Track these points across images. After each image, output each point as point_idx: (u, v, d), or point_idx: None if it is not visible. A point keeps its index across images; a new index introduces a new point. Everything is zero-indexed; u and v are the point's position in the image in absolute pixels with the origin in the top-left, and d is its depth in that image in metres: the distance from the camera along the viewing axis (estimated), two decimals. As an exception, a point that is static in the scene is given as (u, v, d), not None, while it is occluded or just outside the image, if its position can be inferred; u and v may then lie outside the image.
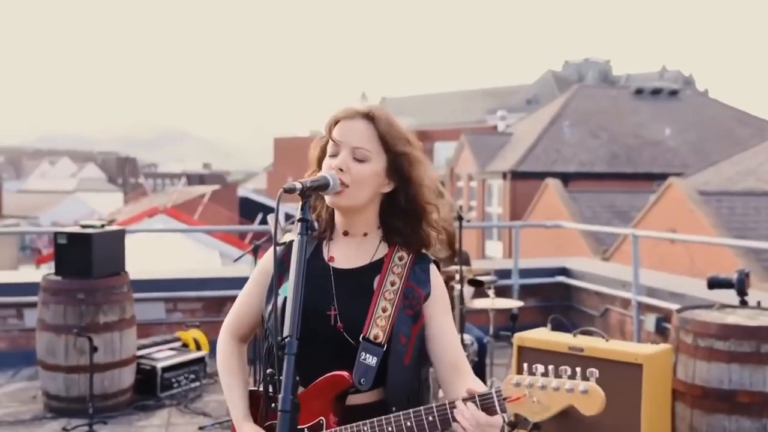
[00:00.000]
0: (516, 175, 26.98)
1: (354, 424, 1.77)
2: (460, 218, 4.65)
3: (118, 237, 6.03)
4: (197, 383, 6.28)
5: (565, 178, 25.74)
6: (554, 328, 4.10)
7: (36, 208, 51.41)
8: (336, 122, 1.96)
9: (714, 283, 4.53)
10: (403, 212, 1.95)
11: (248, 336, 2.11)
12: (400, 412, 1.72)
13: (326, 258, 1.97)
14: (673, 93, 33.76)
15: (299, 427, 1.80)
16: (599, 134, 29.19)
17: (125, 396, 5.75)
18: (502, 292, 7.88)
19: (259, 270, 2.03)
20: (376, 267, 1.94)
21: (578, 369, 1.50)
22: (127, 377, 5.80)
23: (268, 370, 1.64)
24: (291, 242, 1.96)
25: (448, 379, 1.91)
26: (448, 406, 1.69)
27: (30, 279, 6.86)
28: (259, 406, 1.94)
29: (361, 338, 1.84)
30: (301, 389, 1.86)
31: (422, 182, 1.94)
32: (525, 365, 1.55)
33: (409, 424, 1.71)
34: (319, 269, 1.95)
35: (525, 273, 8.44)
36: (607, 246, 20.28)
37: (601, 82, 57.15)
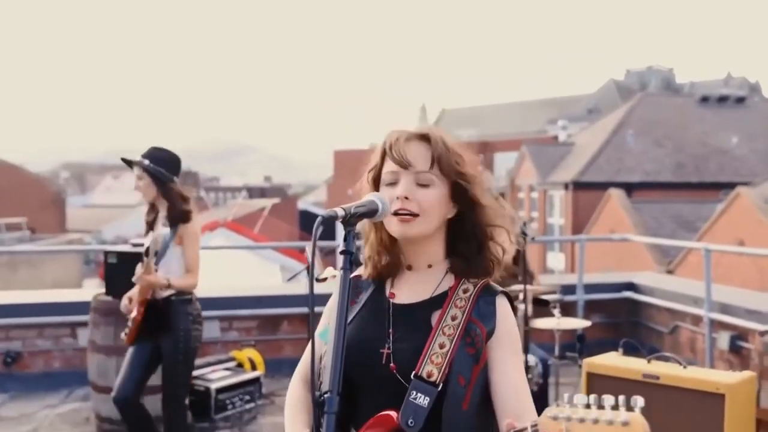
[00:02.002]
0: (578, 186, 26.43)
1: None
2: (524, 234, 4.40)
3: (169, 255, 5.91)
4: (252, 404, 6.13)
5: (629, 188, 25.12)
6: (626, 353, 3.79)
7: (100, 222, 52.58)
8: (390, 147, 1.78)
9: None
10: (469, 237, 1.78)
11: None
12: None
13: (387, 294, 1.80)
14: (740, 100, 32.75)
15: None
16: (664, 143, 28.42)
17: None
18: (566, 308, 7.59)
19: (328, 307, 1.86)
20: (438, 301, 1.75)
21: (622, 397, 1.26)
22: (152, 403, 5.65)
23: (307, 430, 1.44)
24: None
25: None
26: None
27: (83, 298, 6.81)
28: None
29: (412, 376, 1.64)
30: None
31: (485, 202, 1.78)
32: (565, 395, 1.31)
33: None
34: (378, 306, 1.80)
35: (590, 288, 8.11)
36: (672, 257, 19.64)
37: (665, 90, 55.81)
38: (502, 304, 1.76)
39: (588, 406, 1.30)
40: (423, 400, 1.60)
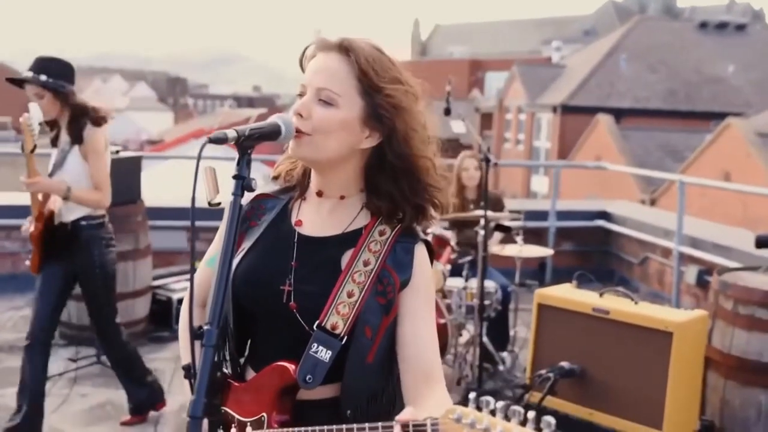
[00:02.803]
0: (566, 109, 26.19)
1: (282, 430, 1.47)
2: (487, 160, 4.31)
3: (134, 164, 5.80)
4: (215, 316, 6.13)
5: (618, 114, 24.92)
6: (580, 285, 3.75)
7: (87, 126, 51.94)
8: (302, 57, 1.59)
9: (763, 242, 4.09)
10: (389, 171, 1.55)
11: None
12: (334, 426, 1.40)
13: (293, 221, 1.62)
14: (740, 27, 32.23)
15: (243, 419, 1.53)
16: (658, 69, 28.05)
17: (138, 327, 5.62)
18: (538, 234, 7.58)
19: (219, 232, 1.66)
20: (350, 239, 1.57)
21: (531, 414, 1.12)
22: (141, 308, 5.67)
23: (183, 364, 1.34)
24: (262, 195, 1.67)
25: (413, 389, 1.53)
26: (380, 429, 1.34)
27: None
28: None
29: (315, 326, 1.50)
30: (252, 374, 1.60)
31: (410, 131, 1.53)
32: (472, 395, 1.18)
33: None
34: (282, 233, 1.61)
35: (563, 216, 8.07)
36: (657, 186, 19.62)
37: (664, 14, 54.81)
38: (420, 253, 1.58)
39: (494, 412, 1.17)
40: (324, 354, 1.47)
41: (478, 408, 1.17)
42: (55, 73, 3.82)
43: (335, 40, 1.54)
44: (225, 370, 1.62)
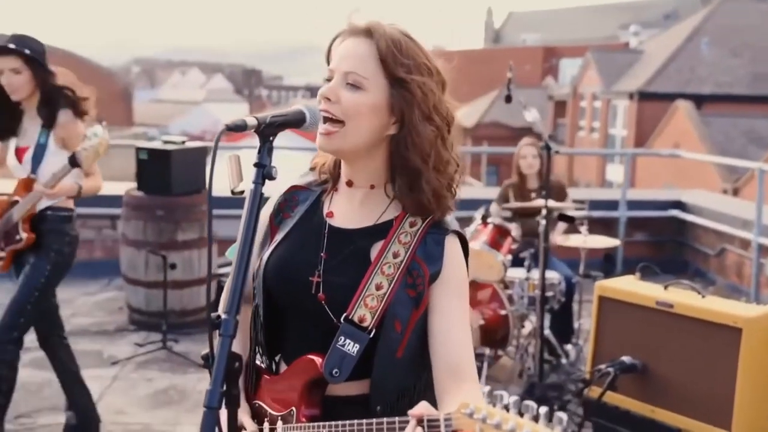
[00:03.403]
0: (644, 96, 25.42)
1: (310, 424, 1.45)
2: (548, 147, 4.20)
3: (199, 155, 5.89)
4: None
5: (699, 100, 24.05)
6: (644, 277, 3.62)
7: (166, 118, 53.27)
8: (331, 43, 1.56)
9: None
10: (404, 162, 1.50)
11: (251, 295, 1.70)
12: (355, 422, 1.37)
13: (325, 213, 1.60)
14: (830, 8, 30.69)
15: (274, 413, 1.52)
16: (741, 53, 26.94)
17: (203, 314, 5.71)
18: (608, 225, 7.39)
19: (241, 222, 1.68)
20: (380, 231, 1.53)
21: (544, 409, 1.08)
22: (204, 295, 5.76)
23: (203, 353, 1.32)
24: (295, 188, 1.66)
25: (441, 385, 1.47)
26: (397, 423, 1.31)
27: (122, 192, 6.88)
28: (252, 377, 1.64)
29: (342, 319, 1.47)
30: (283, 367, 1.58)
31: (426, 123, 1.48)
32: (486, 388, 1.13)
33: None
34: (314, 225, 1.59)
35: (635, 205, 7.85)
36: (740, 175, 18.88)
37: (750, -4, 52.75)
38: (451, 245, 1.53)
39: (507, 407, 1.12)
40: (352, 348, 1.44)
41: (492, 403, 1.13)
42: (37, 52, 3.41)
43: (362, 24, 1.51)
44: (259, 363, 1.61)
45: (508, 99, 4.22)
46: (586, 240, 4.89)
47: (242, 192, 1.35)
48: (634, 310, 3.41)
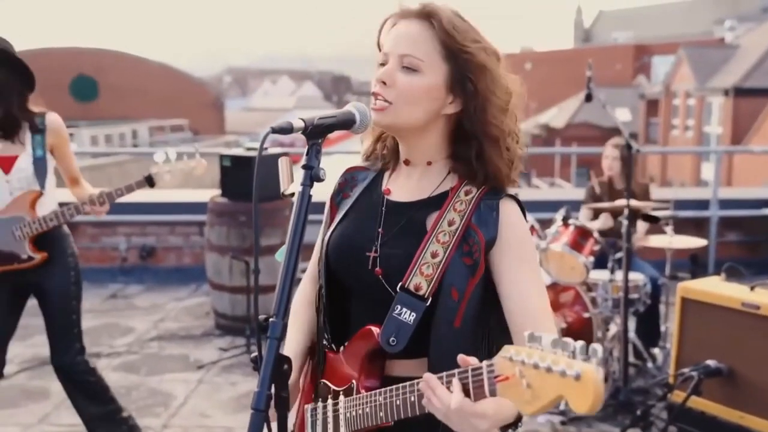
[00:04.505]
0: (740, 92, 24.49)
1: (369, 393, 1.45)
2: (629, 147, 4.09)
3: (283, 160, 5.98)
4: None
5: (800, 95, 23.00)
6: (729, 278, 3.48)
7: (257, 125, 54.44)
8: (382, 26, 1.57)
9: None
10: (467, 136, 1.52)
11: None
12: (407, 384, 1.35)
13: (383, 189, 1.62)
14: None
15: (337, 388, 1.54)
16: None
17: (287, 318, 5.78)
18: (699, 224, 7.13)
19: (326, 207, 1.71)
20: (436, 202, 1.54)
21: (579, 344, 1.05)
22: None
23: (252, 355, 1.34)
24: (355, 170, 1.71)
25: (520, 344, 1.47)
26: (444, 378, 1.28)
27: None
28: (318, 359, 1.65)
29: (398, 288, 1.47)
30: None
31: (489, 96, 1.49)
32: (526, 333, 1.12)
33: (398, 402, 1.37)
34: (372, 202, 1.61)
35: (727, 204, 7.54)
36: None
37: None
38: (507, 208, 1.51)
39: (546, 347, 1.11)
40: (409, 316, 1.44)
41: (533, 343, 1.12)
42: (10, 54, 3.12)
43: (416, 6, 1.52)
44: (325, 343, 1.63)
45: (588, 98, 4.15)
46: (671, 240, 4.73)
47: (292, 194, 1.36)
48: (718, 312, 3.29)
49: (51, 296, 3.35)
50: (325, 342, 1.63)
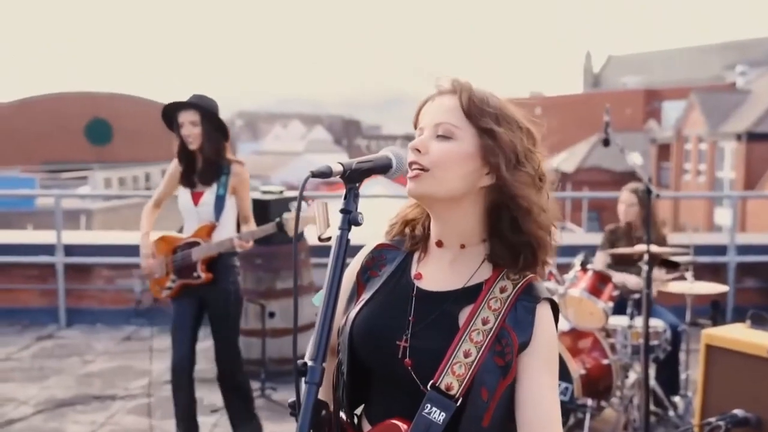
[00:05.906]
0: (753, 137, 24.52)
1: None
2: (649, 191, 4.08)
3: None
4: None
5: (812, 140, 23.02)
6: (754, 325, 3.43)
7: (268, 169, 54.86)
8: (420, 105, 1.57)
9: None
10: (502, 212, 1.50)
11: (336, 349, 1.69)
12: None
13: (413, 274, 1.57)
14: None
15: None
16: None
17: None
18: (716, 270, 7.08)
19: (345, 275, 1.63)
20: (470, 295, 1.50)
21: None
22: (304, 343, 5.81)
23: (290, 400, 1.33)
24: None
25: None
26: None
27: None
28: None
29: (429, 386, 1.44)
30: (368, 427, 1.56)
31: (511, 172, 1.47)
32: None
33: None
34: (401, 286, 1.57)
35: (745, 250, 7.49)
36: None
37: None
38: (543, 313, 1.49)
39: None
40: (438, 416, 1.40)
41: None
42: (210, 106, 4.00)
43: (445, 85, 1.54)
44: (342, 416, 1.59)
45: (606, 143, 4.14)
46: (692, 286, 4.69)
47: (329, 238, 1.36)
48: (744, 359, 3.23)
49: (212, 312, 4.06)
50: (342, 415, 1.59)
